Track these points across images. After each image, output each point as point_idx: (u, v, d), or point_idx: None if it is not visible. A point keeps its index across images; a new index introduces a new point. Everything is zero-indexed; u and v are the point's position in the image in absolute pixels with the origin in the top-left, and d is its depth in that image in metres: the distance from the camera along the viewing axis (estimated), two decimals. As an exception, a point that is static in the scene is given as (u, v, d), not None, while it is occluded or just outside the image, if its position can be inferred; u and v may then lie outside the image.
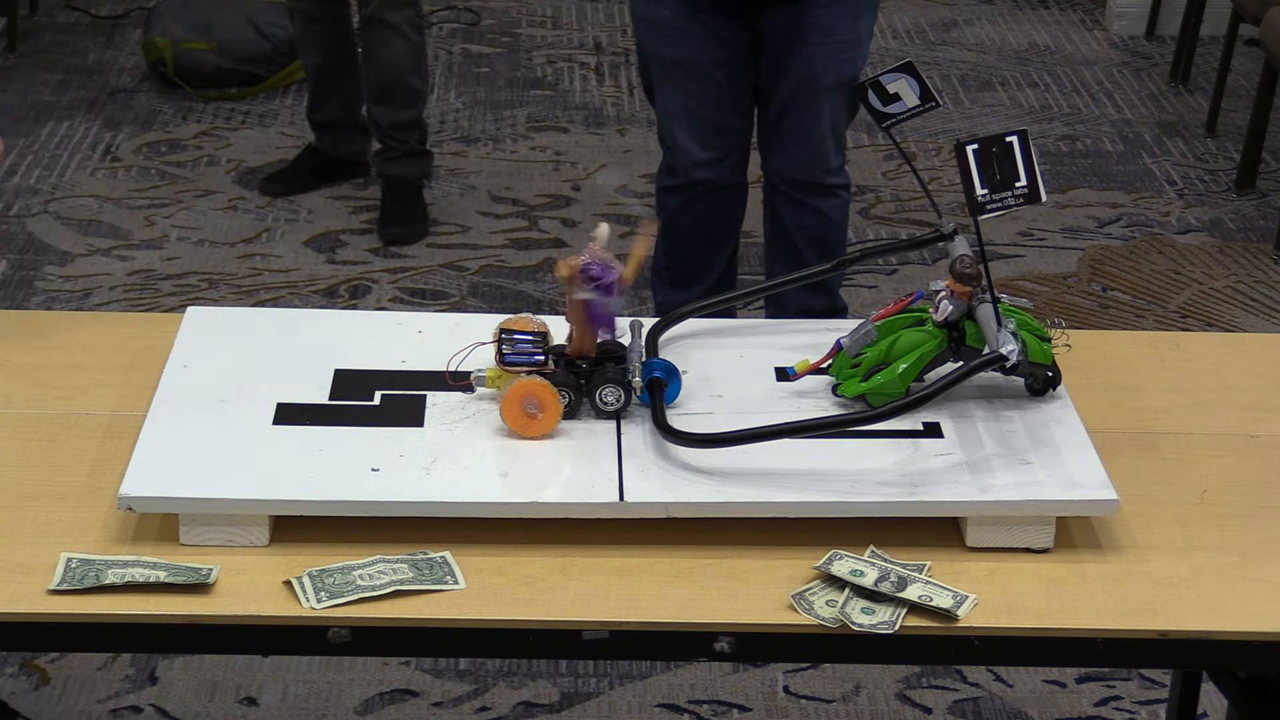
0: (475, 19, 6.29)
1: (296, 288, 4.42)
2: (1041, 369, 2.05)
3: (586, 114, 5.52)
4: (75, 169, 5.02)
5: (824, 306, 3.80)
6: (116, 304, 4.31)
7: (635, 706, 3.07)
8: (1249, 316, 4.42)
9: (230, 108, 5.45)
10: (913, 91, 2.12)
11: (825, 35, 3.53)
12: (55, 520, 1.91)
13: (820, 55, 3.54)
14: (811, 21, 3.52)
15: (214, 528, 1.87)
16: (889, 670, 3.13)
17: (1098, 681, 3.14)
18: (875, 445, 1.98)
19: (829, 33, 3.53)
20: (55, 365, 2.20)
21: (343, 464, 1.93)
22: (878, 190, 5.03)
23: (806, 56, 3.54)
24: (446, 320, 2.26)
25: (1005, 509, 1.90)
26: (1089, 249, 4.73)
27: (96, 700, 3.03)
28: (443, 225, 4.76)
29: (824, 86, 3.56)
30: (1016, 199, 1.91)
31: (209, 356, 2.13)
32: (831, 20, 3.52)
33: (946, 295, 2.05)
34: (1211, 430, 2.15)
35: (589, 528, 1.90)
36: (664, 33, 3.58)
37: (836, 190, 3.74)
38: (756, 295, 3.07)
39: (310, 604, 1.79)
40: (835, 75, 3.55)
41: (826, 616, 1.80)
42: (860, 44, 3.58)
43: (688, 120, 3.64)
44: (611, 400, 2.02)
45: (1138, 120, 5.59)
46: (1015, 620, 1.82)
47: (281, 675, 3.10)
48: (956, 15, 6.44)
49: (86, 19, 6.12)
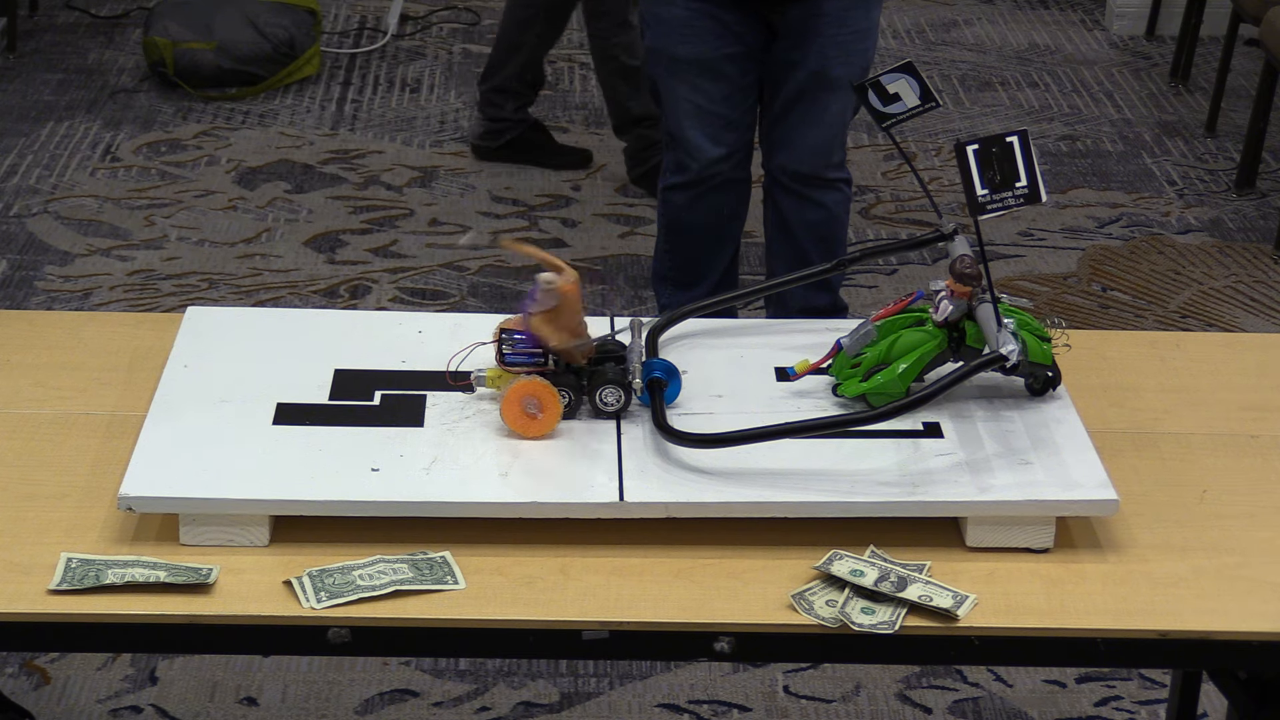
0: (475, 19, 6.29)
1: (296, 288, 4.42)
2: (1041, 369, 2.05)
3: (586, 114, 5.52)
4: (75, 169, 5.02)
5: (826, 304, 3.80)
6: (116, 304, 4.31)
7: (635, 706, 3.07)
8: (1249, 316, 4.42)
9: (230, 108, 5.45)
10: (913, 91, 2.12)
11: (839, 27, 3.53)
12: (55, 520, 1.91)
13: (833, 47, 3.54)
14: (825, 13, 3.52)
15: (214, 528, 1.87)
16: (889, 670, 3.13)
17: (1098, 681, 3.14)
18: (875, 445, 1.98)
19: (842, 24, 3.54)
20: (55, 365, 2.20)
21: (343, 464, 1.93)
22: (878, 190, 5.03)
23: (819, 48, 3.54)
24: (446, 320, 2.26)
25: (1005, 509, 1.90)
26: (1089, 249, 4.73)
27: (96, 700, 3.03)
28: (442, 225, 4.76)
29: (836, 78, 3.56)
30: (1016, 199, 1.91)
31: (209, 356, 2.13)
32: (844, 12, 3.53)
33: (946, 295, 2.05)
34: (1211, 430, 2.15)
35: (589, 528, 1.90)
36: (677, 31, 3.58)
37: (839, 184, 3.74)
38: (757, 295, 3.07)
39: (310, 604, 1.79)
40: (847, 67, 3.56)
41: (826, 616, 1.80)
42: (871, 35, 3.59)
43: (699, 118, 3.64)
44: (611, 400, 2.02)
45: (1138, 120, 5.59)
46: (1015, 620, 1.82)
47: (281, 675, 3.10)
48: (956, 15, 6.44)
49: (86, 19, 6.12)
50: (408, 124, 5.40)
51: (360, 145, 5.24)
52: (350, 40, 6.08)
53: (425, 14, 6.29)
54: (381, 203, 4.89)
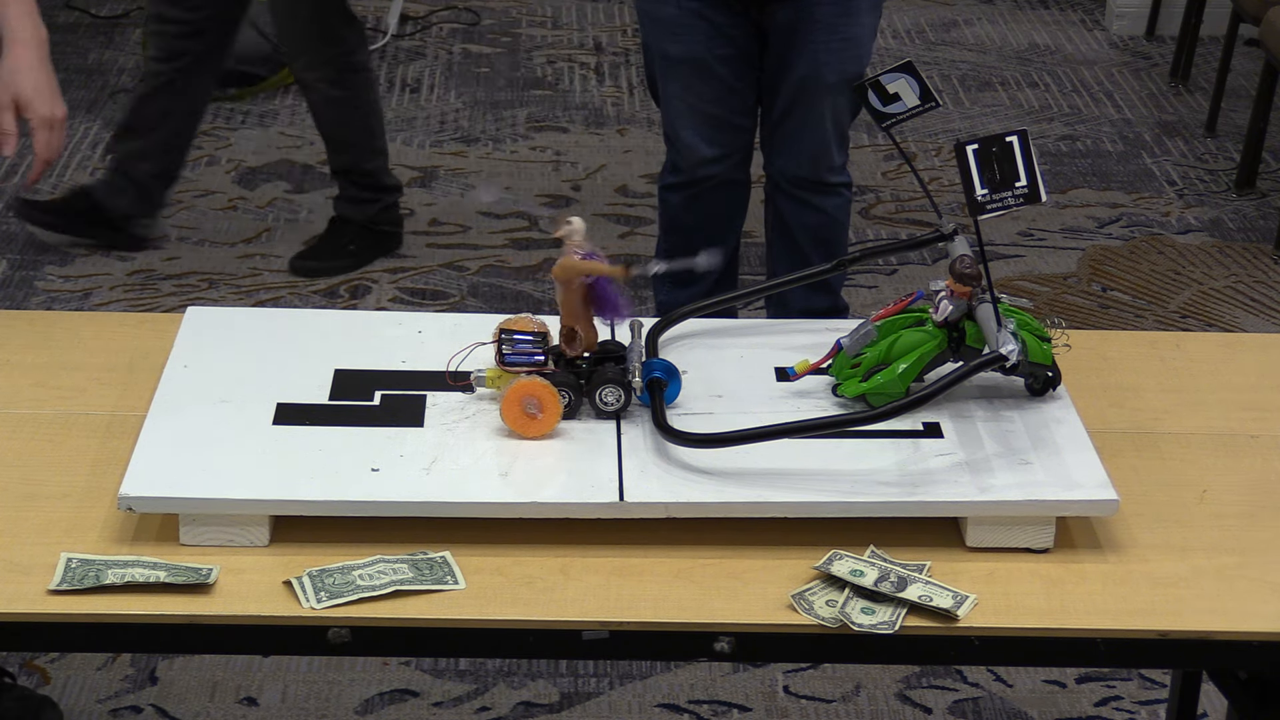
0: (475, 19, 6.29)
1: (296, 288, 4.42)
2: (1041, 369, 2.05)
3: (586, 114, 5.52)
4: (75, 169, 5.01)
5: (826, 306, 3.80)
6: (116, 304, 4.31)
7: (635, 706, 3.07)
8: (1249, 316, 4.42)
9: (230, 108, 5.45)
10: (913, 91, 2.12)
11: (829, 33, 3.53)
12: (55, 520, 1.91)
13: (824, 52, 3.54)
14: (815, 18, 3.52)
15: (214, 528, 1.87)
16: (889, 670, 3.13)
17: (1098, 681, 3.14)
18: (875, 445, 1.98)
19: (833, 30, 3.53)
20: (55, 365, 2.20)
21: (343, 464, 1.93)
22: (878, 190, 5.03)
23: (810, 53, 3.54)
24: (446, 320, 2.26)
25: (1005, 509, 1.90)
26: (1089, 249, 4.73)
27: (96, 700, 3.03)
28: (443, 225, 4.76)
29: (828, 84, 3.56)
30: (1016, 199, 1.91)
31: (209, 356, 2.13)
32: (835, 17, 3.52)
33: (946, 295, 2.05)
34: (1211, 430, 2.15)
35: (589, 528, 1.90)
36: (669, 29, 3.58)
37: (839, 188, 3.74)
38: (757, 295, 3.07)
39: (310, 604, 1.79)
40: (839, 72, 3.55)
41: (826, 616, 1.80)
42: (864, 41, 3.58)
43: (692, 117, 3.64)
44: (611, 400, 2.02)
45: (1138, 120, 5.59)
46: (1015, 620, 1.82)
47: (281, 675, 3.10)
48: (956, 15, 6.44)
49: (86, 19, 6.12)
50: (408, 124, 5.40)
51: (360, 145, 5.24)
52: (350, 40, 6.07)
53: (425, 14, 6.29)
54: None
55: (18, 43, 2.50)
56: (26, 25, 2.50)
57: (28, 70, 2.49)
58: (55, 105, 2.52)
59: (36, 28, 2.51)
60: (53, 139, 2.57)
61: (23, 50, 2.49)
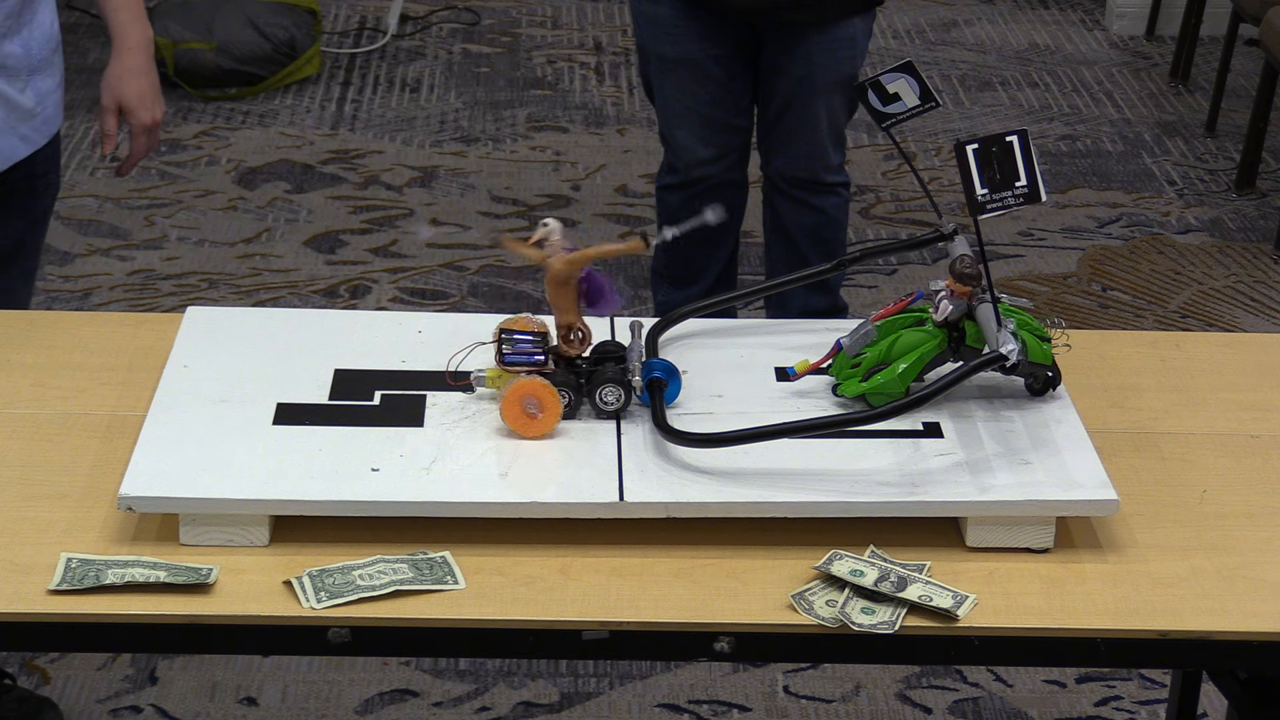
0: (475, 19, 6.29)
1: (296, 288, 4.42)
2: (1041, 369, 2.05)
3: (586, 114, 5.53)
4: (75, 169, 5.02)
5: (825, 306, 3.80)
6: (116, 304, 4.31)
7: (635, 706, 3.07)
8: (1249, 316, 4.42)
9: (230, 108, 5.45)
10: (913, 91, 2.12)
11: (822, 33, 3.53)
12: (55, 520, 1.91)
13: (817, 53, 3.54)
14: (809, 21, 3.52)
15: (214, 528, 1.87)
16: (889, 670, 3.13)
17: (1098, 681, 3.14)
18: (875, 445, 1.98)
19: (825, 32, 3.53)
20: (55, 365, 2.20)
21: (343, 464, 1.93)
22: (878, 190, 5.03)
23: (804, 55, 3.54)
24: (446, 320, 2.26)
25: (1005, 509, 1.90)
26: (1089, 249, 4.73)
27: (96, 700, 3.03)
28: (443, 225, 4.76)
29: (822, 84, 3.56)
30: (1016, 199, 1.91)
31: (209, 356, 2.13)
32: (828, 20, 3.52)
33: (946, 295, 2.05)
34: (1211, 430, 2.15)
35: (589, 528, 1.90)
36: (663, 30, 3.58)
37: (837, 188, 3.74)
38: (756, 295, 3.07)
39: (310, 604, 1.79)
40: (833, 73, 3.56)
41: (826, 616, 1.80)
42: (857, 42, 3.58)
43: (688, 118, 3.65)
44: (611, 400, 2.02)
45: (1138, 120, 5.59)
46: (1015, 620, 1.82)
47: (281, 675, 3.10)
48: (956, 15, 6.44)
49: (86, 19, 6.11)
50: (408, 124, 5.41)
51: (360, 145, 5.25)
52: (350, 40, 6.08)
53: (425, 14, 6.29)
54: (381, 203, 4.89)
55: (125, 49, 2.52)
56: (135, 30, 2.53)
57: (134, 76, 2.53)
58: (156, 110, 2.58)
59: (144, 30, 2.54)
60: (150, 142, 2.63)
61: (129, 56, 2.52)
